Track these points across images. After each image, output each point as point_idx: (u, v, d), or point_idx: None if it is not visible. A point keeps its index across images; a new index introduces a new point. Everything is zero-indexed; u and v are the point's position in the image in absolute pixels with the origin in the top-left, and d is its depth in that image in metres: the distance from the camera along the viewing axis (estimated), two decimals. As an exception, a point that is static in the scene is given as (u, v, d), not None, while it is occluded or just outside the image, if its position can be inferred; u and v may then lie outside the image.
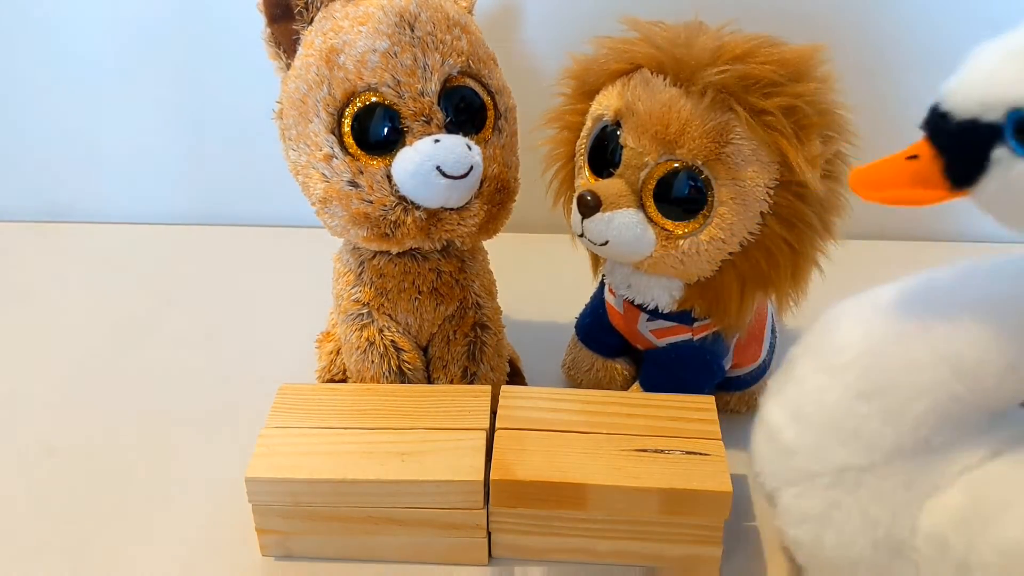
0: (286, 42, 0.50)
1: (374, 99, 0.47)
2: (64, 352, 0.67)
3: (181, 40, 0.78)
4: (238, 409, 0.60)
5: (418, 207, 0.48)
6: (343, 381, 0.58)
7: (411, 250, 0.52)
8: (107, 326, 0.70)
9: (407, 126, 0.47)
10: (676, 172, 0.47)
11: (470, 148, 0.47)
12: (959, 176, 0.33)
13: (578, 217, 0.49)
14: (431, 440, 0.48)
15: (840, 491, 0.39)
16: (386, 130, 0.47)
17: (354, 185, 0.48)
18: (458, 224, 0.50)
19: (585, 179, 0.51)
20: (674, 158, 0.46)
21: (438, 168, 0.46)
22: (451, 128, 0.48)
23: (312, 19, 0.50)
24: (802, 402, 0.41)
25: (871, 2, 0.73)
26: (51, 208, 0.87)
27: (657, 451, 0.47)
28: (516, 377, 0.61)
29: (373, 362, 0.54)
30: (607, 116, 0.49)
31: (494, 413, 0.50)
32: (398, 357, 0.54)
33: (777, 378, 0.44)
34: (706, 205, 0.47)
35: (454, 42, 0.48)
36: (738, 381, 0.57)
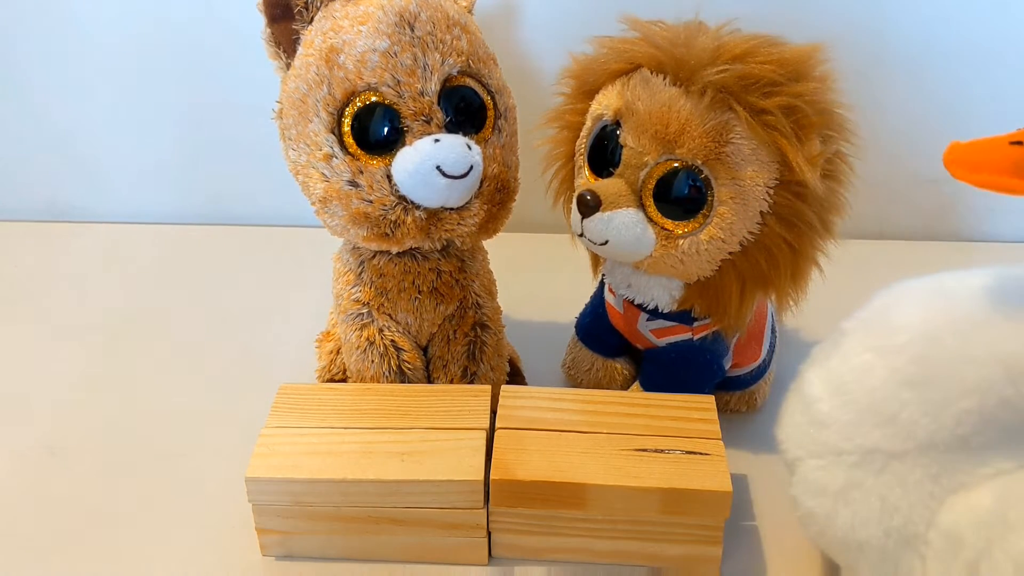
0: (286, 42, 0.50)
1: (374, 99, 0.47)
2: (64, 352, 0.67)
3: (181, 40, 0.78)
4: (238, 409, 0.60)
5: (418, 207, 0.48)
6: (343, 381, 0.58)
7: (411, 250, 0.52)
8: (107, 326, 0.70)
9: (407, 126, 0.47)
10: (676, 172, 0.47)
11: (470, 148, 0.47)
12: None
13: (578, 217, 0.49)
14: (431, 440, 0.48)
15: (864, 472, 0.38)
16: (386, 130, 0.47)
17: (354, 185, 0.48)
18: (458, 224, 0.49)
19: (585, 179, 0.51)
20: (674, 158, 0.46)
21: (438, 168, 0.46)
22: (451, 128, 0.48)
23: (312, 19, 0.49)
24: (845, 378, 0.39)
25: (871, 2, 0.73)
26: (51, 208, 0.87)
27: (657, 451, 0.47)
28: (516, 377, 0.61)
29: (373, 362, 0.54)
30: (607, 116, 0.49)
31: (494, 413, 0.50)
32: (398, 357, 0.54)
33: (823, 347, 0.42)
34: (706, 205, 0.47)
35: (454, 42, 0.48)
36: (738, 381, 0.57)
